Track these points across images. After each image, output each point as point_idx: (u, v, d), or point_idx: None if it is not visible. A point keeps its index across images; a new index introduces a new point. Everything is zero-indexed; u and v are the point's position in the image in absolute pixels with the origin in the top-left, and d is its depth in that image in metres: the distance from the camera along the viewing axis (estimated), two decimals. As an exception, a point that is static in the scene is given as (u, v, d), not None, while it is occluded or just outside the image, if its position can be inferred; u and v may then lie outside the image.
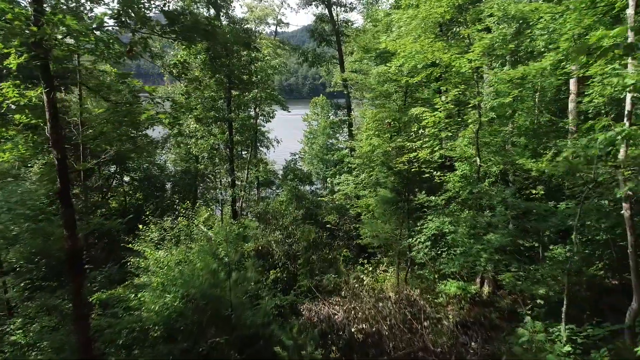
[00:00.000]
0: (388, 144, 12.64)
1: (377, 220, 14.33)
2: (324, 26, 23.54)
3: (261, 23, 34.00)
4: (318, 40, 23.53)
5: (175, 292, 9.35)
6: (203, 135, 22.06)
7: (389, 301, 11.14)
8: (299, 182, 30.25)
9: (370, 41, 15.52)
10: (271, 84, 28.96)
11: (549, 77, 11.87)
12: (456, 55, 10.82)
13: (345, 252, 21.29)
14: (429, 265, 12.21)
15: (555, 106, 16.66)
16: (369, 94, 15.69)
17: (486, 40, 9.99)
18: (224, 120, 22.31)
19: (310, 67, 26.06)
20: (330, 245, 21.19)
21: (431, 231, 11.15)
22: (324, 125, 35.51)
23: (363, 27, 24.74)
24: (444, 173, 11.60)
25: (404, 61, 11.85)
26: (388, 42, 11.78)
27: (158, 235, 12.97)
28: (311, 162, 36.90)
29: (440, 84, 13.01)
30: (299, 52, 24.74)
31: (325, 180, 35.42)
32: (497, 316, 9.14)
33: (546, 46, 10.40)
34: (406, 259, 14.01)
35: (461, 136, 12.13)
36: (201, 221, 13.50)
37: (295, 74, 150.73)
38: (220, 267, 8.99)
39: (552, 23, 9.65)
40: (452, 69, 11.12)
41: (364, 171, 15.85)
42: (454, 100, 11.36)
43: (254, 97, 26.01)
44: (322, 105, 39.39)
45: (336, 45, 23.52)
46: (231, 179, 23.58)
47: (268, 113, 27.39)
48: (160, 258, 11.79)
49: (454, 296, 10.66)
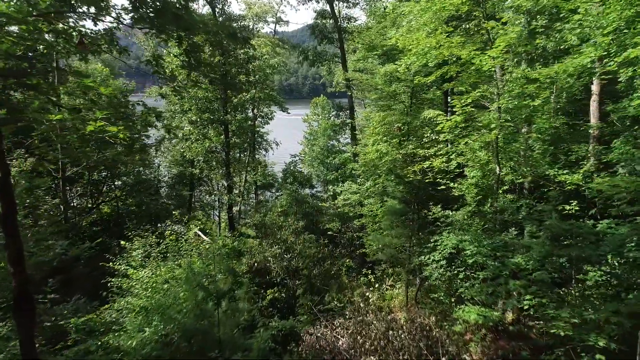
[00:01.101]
0: (397, 151, 11.38)
1: (383, 232, 13.08)
2: (325, 23, 22.28)
3: (260, 21, 32.80)
4: (319, 37, 22.27)
5: (158, 322, 8.15)
6: (197, 138, 20.79)
7: (400, 329, 9.90)
8: (299, 185, 29.19)
9: (375, 38, 14.28)
10: (270, 84, 27.74)
11: (574, 76, 10.64)
12: (475, 51, 9.58)
13: (348, 261, 20.16)
14: (443, 287, 10.96)
15: (572, 107, 15.43)
16: (373, 95, 14.45)
17: (512, 34, 8.74)
18: (220, 122, 21.10)
19: (310, 67, 24.81)
20: (332, 254, 19.98)
21: (448, 249, 9.91)
22: (324, 126, 34.34)
23: (366, 25, 23.50)
24: (461, 184, 10.36)
25: (416, 59, 10.62)
26: (398, 37, 10.53)
27: (143, 252, 11.76)
28: (311, 164, 35.79)
29: (455, 84, 11.76)
30: (299, 51, 23.48)
31: (326, 183, 34.38)
32: (529, 353, 7.90)
33: (582, 41, 9.17)
34: (417, 276, 12.78)
35: (474, 140, 10.89)
36: (191, 234, 12.27)
37: (295, 74, 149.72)
38: (208, 296, 7.77)
39: (587, 15, 8.41)
40: (472, 67, 9.87)
41: (369, 178, 14.60)
42: (473, 103, 10.11)
43: (252, 98, 24.77)
44: (322, 105, 38.27)
45: (338, 43, 22.27)
46: (227, 183, 22.36)
47: (266, 114, 26.11)
48: (144, 278, 10.59)
49: (474, 324, 9.43)
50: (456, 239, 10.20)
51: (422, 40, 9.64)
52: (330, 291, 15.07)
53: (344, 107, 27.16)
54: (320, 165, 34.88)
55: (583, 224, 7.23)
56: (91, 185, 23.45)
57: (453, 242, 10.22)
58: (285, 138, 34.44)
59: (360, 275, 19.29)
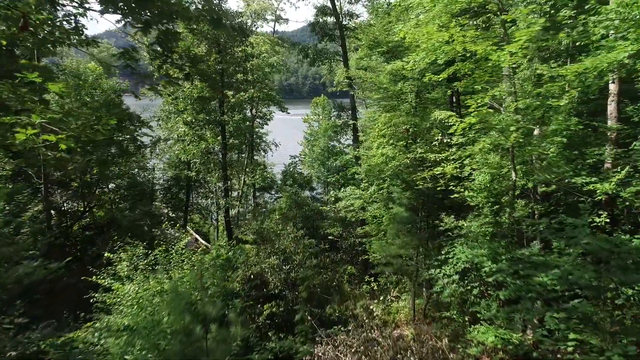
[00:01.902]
0: (405, 155, 10.48)
1: (388, 241, 12.20)
2: (326, 19, 21.37)
3: (259, 18, 31.96)
4: (320, 35, 21.36)
5: (142, 347, 7.30)
6: (192, 139, 19.87)
7: (409, 350, 9.03)
8: (299, 187, 28.37)
9: (380, 34, 13.39)
10: (269, 83, 26.87)
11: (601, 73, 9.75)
12: (492, 47, 8.69)
13: (350, 268, 19.35)
14: (455, 303, 10.09)
15: (586, 108, 14.54)
16: (377, 95, 13.56)
17: (536, 27, 7.85)
18: (216, 123, 20.22)
19: (311, 66, 23.91)
20: (333, 260, 19.09)
21: (462, 264, 9.03)
22: (325, 127, 33.48)
23: (368, 21, 22.60)
24: (470, 189, 9.47)
25: (425, 55, 9.73)
26: (407, 31, 9.63)
27: (130, 264, 10.90)
28: (312, 165, 34.95)
29: (465, 83, 10.87)
30: (299, 48, 22.57)
31: (326, 184, 33.60)
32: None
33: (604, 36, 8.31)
34: (425, 289, 11.91)
35: (483, 141, 10.01)
36: (183, 245, 11.39)
37: (295, 74, 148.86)
38: (195, 320, 6.91)
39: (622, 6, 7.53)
40: (487, 63, 8.99)
41: (372, 183, 13.71)
42: (487, 104, 9.23)
43: (250, 98, 23.89)
44: (323, 105, 37.39)
45: (339, 41, 21.36)
46: (224, 186, 21.46)
47: (265, 115, 25.22)
48: (131, 293, 9.75)
49: (492, 347, 8.57)
50: (471, 253, 9.34)
51: (435, 35, 8.74)
52: (331, 302, 14.19)
53: (345, 108, 26.22)
54: (320, 166, 34.11)
55: (620, 239, 6.35)
56: (83, 188, 22.65)
57: (467, 256, 9.36)
58: (285, 138, 33.63)
59: (362, 283, 18.51)
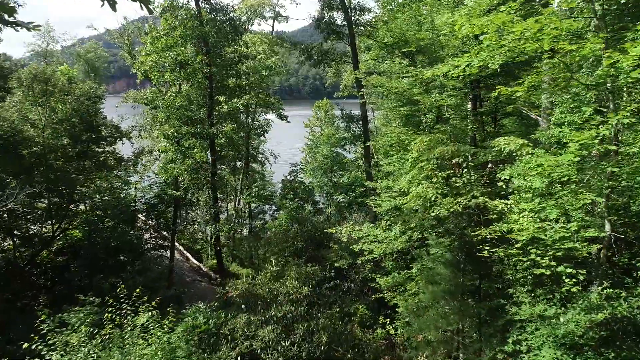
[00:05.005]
0: (454, 200, 7.17)
1: (425, 308, 8.98)
2: (332, 14, 18.15)
3: (256, 16, 28.86)
4: (325, 32, 18.13)
5: None
6: (175, 156, 16.49)
7: None
8: (300, 201, 25.49)
9: (409, 28, 10.13)
10: (267, 87, 23.74)
11: None
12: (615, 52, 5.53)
13: (362, 307, 16.63)
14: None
15: None
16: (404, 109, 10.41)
17: None
18: (204, 136, 16.98)
19: (315, 67, 20.76)
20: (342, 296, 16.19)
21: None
22: (327, 133, 30.38)
23: (380, 17, 19.40)
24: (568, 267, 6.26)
25: (488, 53, 6.54)
26: (463, 22, 6.43)
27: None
28: (313, 174, 32.00)
29: (539, 93, 7.65)
30: (301, 49, 19.33)
31: (329, 195, 30.88)
32: None
33: None
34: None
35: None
36: (143, 321, 8.22)
37: (296, 74, 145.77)
38: None
39: None
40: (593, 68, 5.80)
41: (397, 222, 10.50)
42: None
43: (245, 105, 20.70)
44: (325, 109, 34.38)
45: (348, 39, 18.16)
46: (214, 210, 18.21)
47: (262, 126, 22.07)
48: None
49: None
50: (559, 353, 6.28)
51: (518, 26, 5.52)
52: None
53: (354, 118, 22.98)
54: (323, 176, 31.27)
55: None
56: (54, 208, 19.65)
57: (555, 355, 6.26)
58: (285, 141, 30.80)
59: (376, 325, 15.79)
